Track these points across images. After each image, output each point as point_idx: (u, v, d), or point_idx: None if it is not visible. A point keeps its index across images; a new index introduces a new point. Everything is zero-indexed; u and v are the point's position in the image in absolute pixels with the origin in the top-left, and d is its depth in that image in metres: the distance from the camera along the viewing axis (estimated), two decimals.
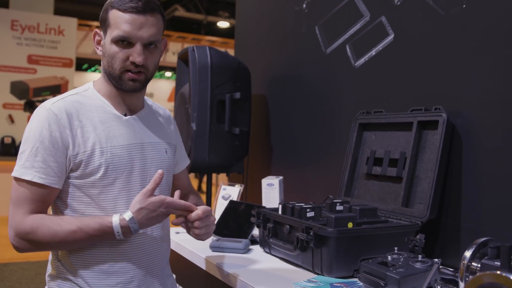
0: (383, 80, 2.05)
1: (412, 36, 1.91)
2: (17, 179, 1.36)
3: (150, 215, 1.36)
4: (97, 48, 1.47)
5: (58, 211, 1.43)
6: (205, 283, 1.94)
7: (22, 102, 9.60)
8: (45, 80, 9.84)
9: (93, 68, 17.97)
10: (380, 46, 2.06)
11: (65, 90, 9.81)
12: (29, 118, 9.58)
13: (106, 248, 1.42)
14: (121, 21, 1.38)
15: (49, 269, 1.48)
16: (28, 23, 9.63)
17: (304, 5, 2.58)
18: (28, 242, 1.34)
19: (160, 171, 1.39)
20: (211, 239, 1.96)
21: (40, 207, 1.36)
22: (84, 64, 17.41)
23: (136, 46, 1.40)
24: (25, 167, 1.34)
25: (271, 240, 1.78)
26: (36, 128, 1.37)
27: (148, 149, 1.51)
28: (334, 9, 2.36)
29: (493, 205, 1.57)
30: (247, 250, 1.89)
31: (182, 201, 1.40)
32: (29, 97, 9.64)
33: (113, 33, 1.39)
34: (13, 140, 9.35)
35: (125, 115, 1.49)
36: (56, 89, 9.88)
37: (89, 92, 1.48)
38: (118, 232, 1.35)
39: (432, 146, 1.75)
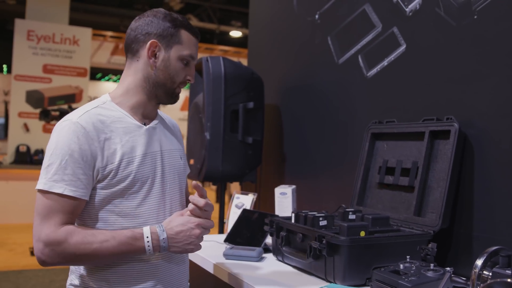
0: (395, 90, 2.07)
1: (424, 46, 1.93)
2: (44, 192, 1.36)
3: (184, 236, 1.43)
4: (149, 58, 1.49)
5: (80, 220, 1.44)
6: None
7: (37, 111, 9.67)
8: (60, 89, 9.95)
9: (106, 77, 18.12)
10: (392, 57, 2.08)
11: (80, 99, 9.92)
12: (44, 127, 9.69)
13: (135, 264, 1.44)
14: (192, 43, 1.52)
15: (73, 280, 1.48)
16: (44, 33, 9.77)
17: (317, 16, 2.60)
18: (59, 253, 1.33)
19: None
20: (225, 247, 1.99)
21: (70, 219, 1.37)
22: (98, 73, 17.57)
23: (192, 67, 1.55)
24: (54, 180, 1.35)
25: (284, 248, 1.80)
26: (64, 142, 1.38)
27: (166, 156, 1.55)
28: (346, 20, 2.38)
29: (505, 214, 1.58)
30: (260, 258, 1.91)
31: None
32: (44, 106, 9.72)
33: (184, 51, 1.50)
34: (28, 148, 9.45)
35: (145, 124, 1.53)
36: (71, 98, 9.98)
37: (107, 104, 1.50)
38: (147, 237, 1.39)
39: (444, 156, 1.76)
